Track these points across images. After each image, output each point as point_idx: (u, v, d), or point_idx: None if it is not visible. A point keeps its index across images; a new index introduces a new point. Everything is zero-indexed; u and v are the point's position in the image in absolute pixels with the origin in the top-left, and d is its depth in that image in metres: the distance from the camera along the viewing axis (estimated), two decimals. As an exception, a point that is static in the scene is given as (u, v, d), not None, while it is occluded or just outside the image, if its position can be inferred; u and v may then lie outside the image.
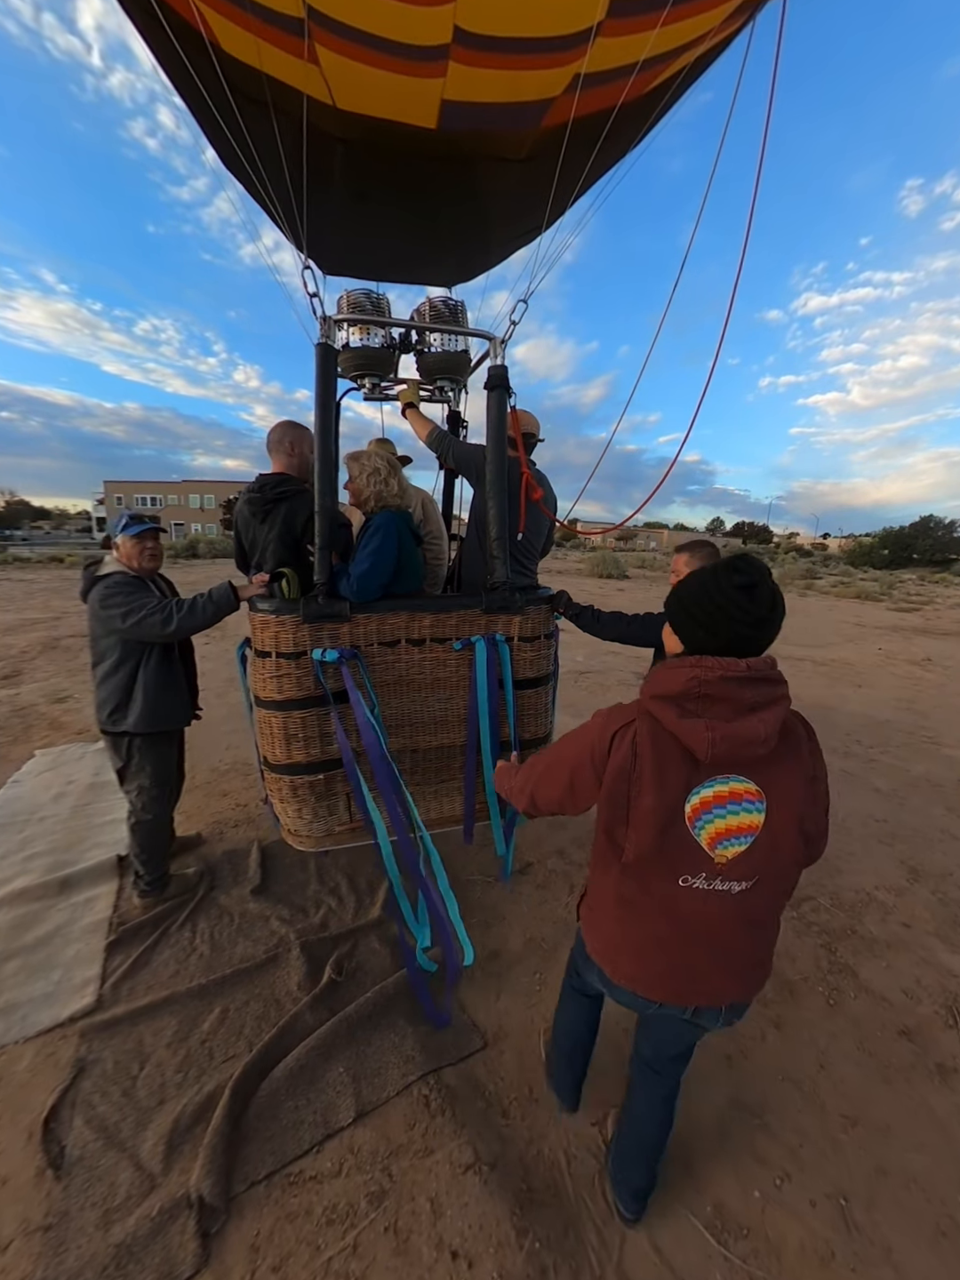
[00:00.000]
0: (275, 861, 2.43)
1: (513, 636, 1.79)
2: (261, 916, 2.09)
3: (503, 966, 1.99)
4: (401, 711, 1.75)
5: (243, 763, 3.43)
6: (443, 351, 2.08)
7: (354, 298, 1.95)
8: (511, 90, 1.55)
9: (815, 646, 8.21)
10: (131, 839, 2.08)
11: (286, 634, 1.57)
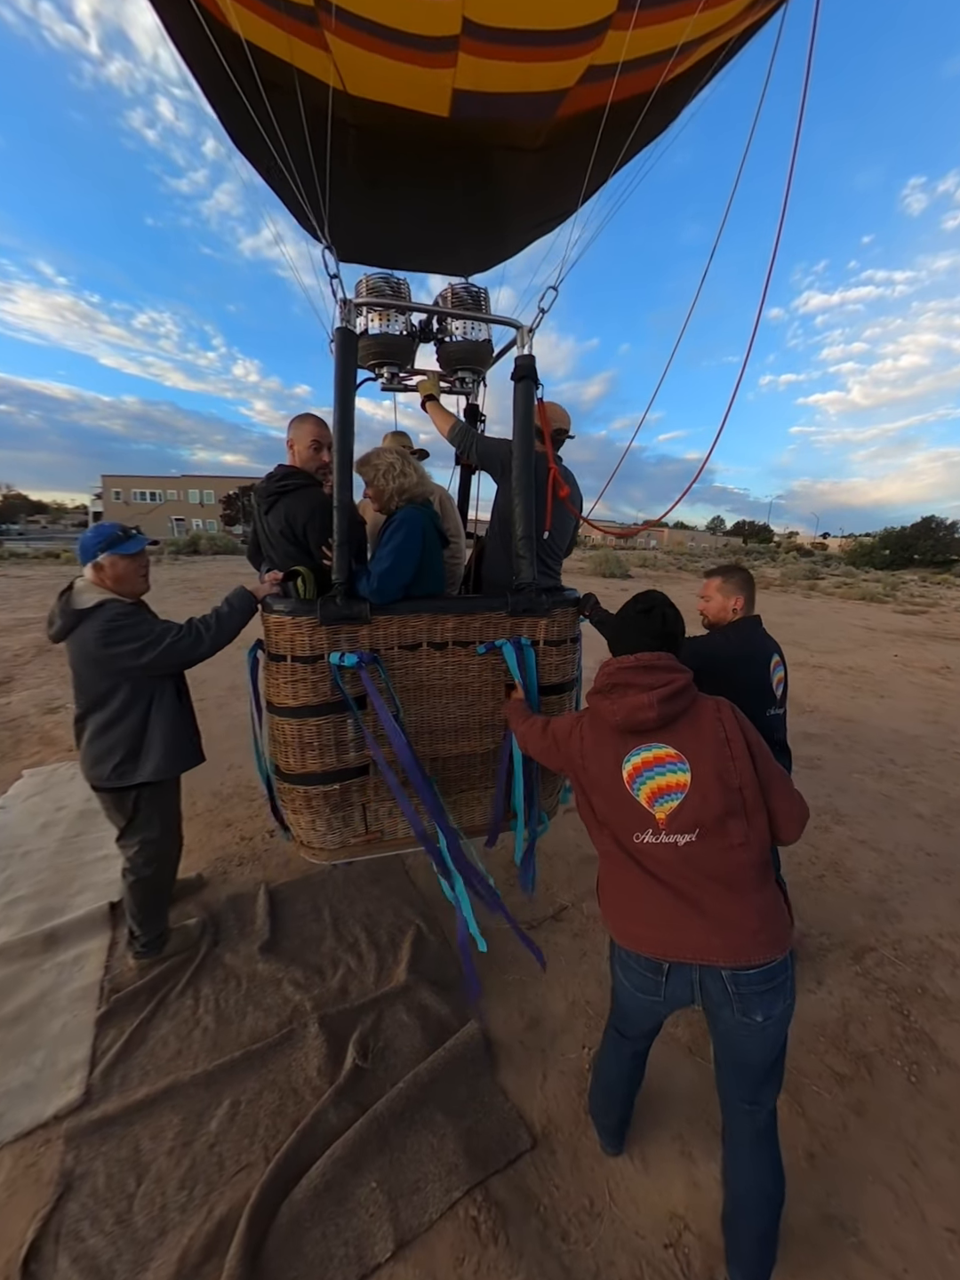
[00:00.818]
0: (285, 908, 2.20)
1: (539, 640, 1.72)
2: (272, 979, 1.86)
3: (545, 1038, 1.77)
4: (422, 718, 1.68)
5: (246, 785, 3.19)
6: (464, 340, 1.97)
7: (373, 282, 1.83)
8: (523, 81, 1.52)
9: (829, 653, 8.02)
10: (129, 898, 1.84)
11: (303, 636, 1.49)
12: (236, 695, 4.71)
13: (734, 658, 1.72)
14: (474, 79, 1.51)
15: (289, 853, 2.54)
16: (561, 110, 1.63)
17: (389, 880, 2.36)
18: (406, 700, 1.64)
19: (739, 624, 1.79)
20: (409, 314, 1.93)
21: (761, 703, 1.67)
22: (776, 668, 1.74)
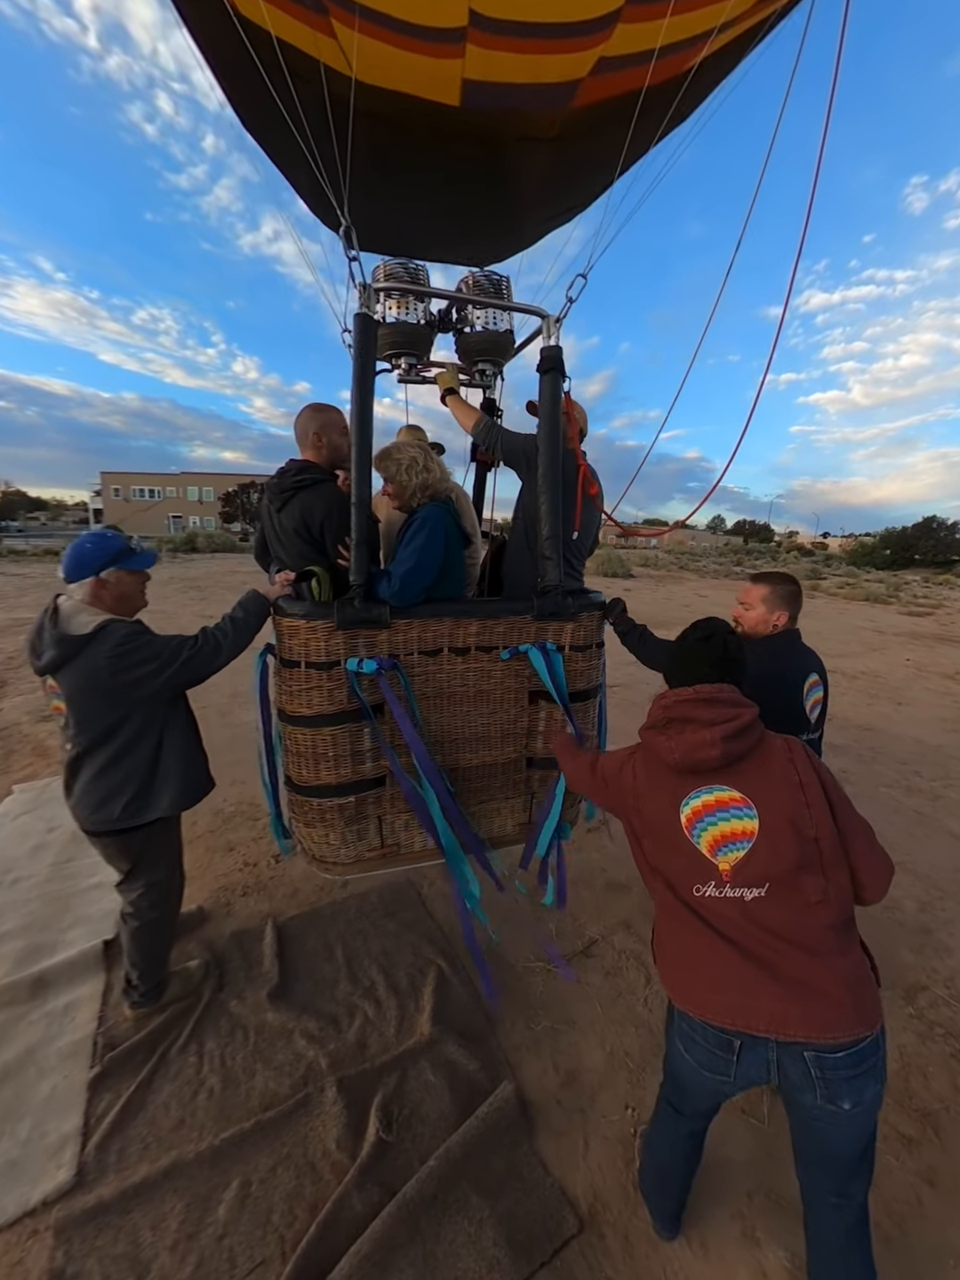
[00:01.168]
0: (294, 946, 2.03)
1: (564, 645, 1.65)
2: (283, 1031, 1.70)
3: (584, 1096, 1.62)
4: (442, 727, 1.62)
5: (250, 803, 3.03)
6: (485, 330, 1.89)
7: (390, 268, 1.75)
8: (533, 72, 1.51)
9: (839, 656, 7.87)
10: (131, 946, 1.67)
11: (318, 641, 1.42)
12: (240, 703, 4.54)
13: (765, 675, 1.54)
14: (483, 70, 1.49)
15: (296, 881, 2.38)
16: (576, 101, 1.60)
17: (405, 913, 2.20)
18: (426, 708, 1.57)
19: (776, 638, 1.63)
20: (427, 302, 1.84)
21: (794, 727, 1.53)
22: (814, 688, 1.57)
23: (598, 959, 2.08)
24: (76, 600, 1.46)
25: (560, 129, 1.72)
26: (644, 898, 2.39)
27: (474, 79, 1.53)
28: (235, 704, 4.51)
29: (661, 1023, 1.82)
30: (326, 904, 2.23)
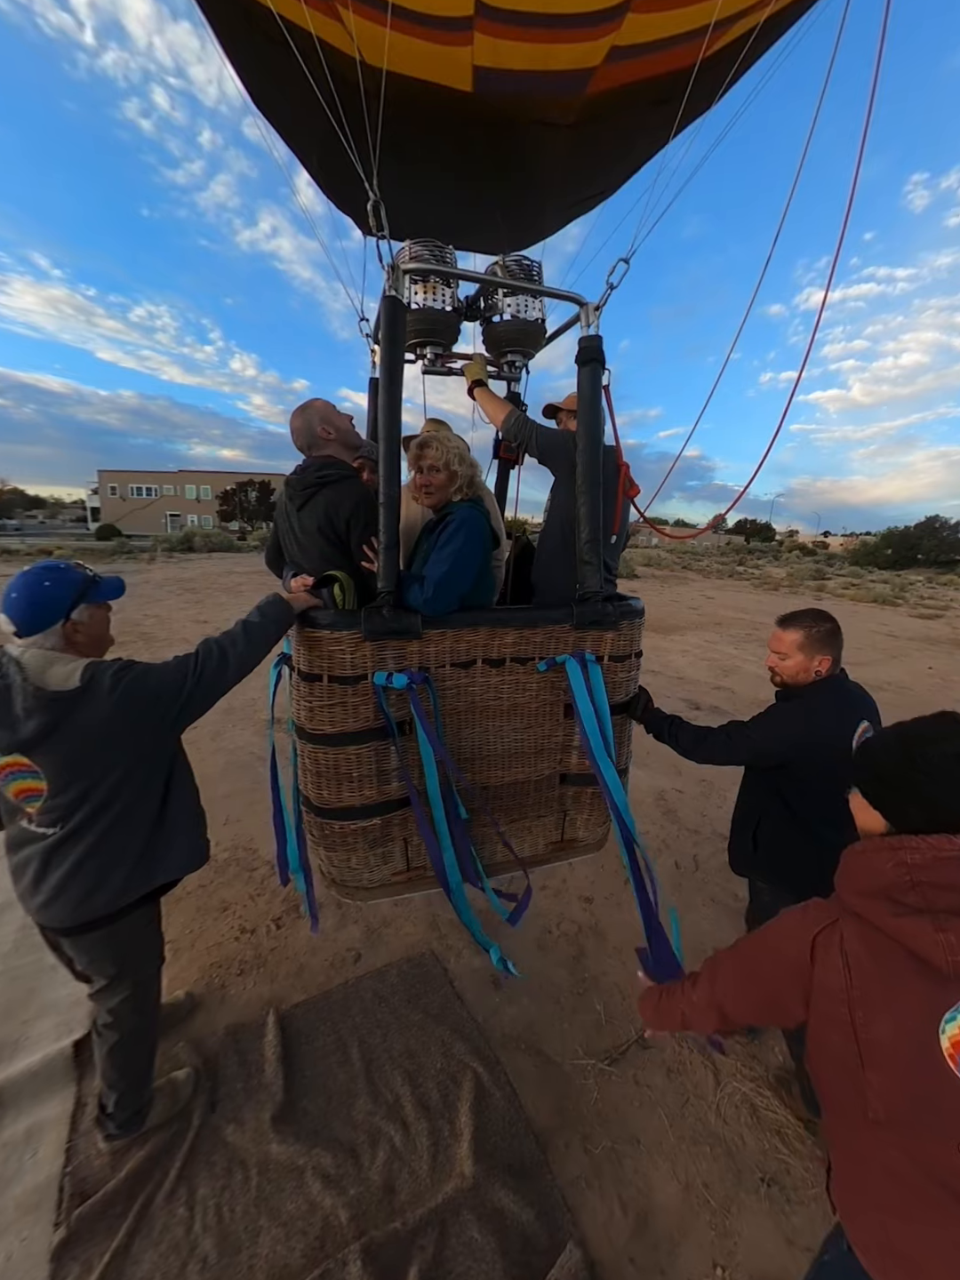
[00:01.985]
0: (302, 1045, 1.72)
1: (603, 655, 1.55)
2: (292, 1169, 1.40)
3: (662, 1252, 1.31)
4: (474, 743, 1.52)
5: (246, 848, 2.72)
6: (515, 319, 1.78)
7: (415, 250, 1.66)
8: (545, 60, 1.49)
9: (861, 665, 7.58)
10: (108, 1065, 1.37)
11: (343, 653, 1.31)
12: (235, 720, 4.24)
13: (800, 743, 1.41)
14: (492, 57, 1.48)
15: (300, 954, 2.08)
16: (591, 87, 1.57)
17: (430, 997, 1.89)
18: (457, 723, 1.49)
19: (826, 689, 1.45)
20: (455, 287, 1.75)
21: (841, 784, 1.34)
22: (863, 736, 1.39)
23: (656, 1050, 1.78)
24: (46, 651, 1.16)
25: (578, 114, 1.67)
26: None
27: (484, 65, 1.50)
28: (229, 722, 4.20)
29: (741, 1139, 1.53)
30: (338, 986, 1.92)
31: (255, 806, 3.03)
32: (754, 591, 17.81)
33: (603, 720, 1.50)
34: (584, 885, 2.51)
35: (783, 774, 1.47)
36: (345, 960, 2.04)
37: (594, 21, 1.37)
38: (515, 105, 1.64)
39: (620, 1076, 1.68)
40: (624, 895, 2.46)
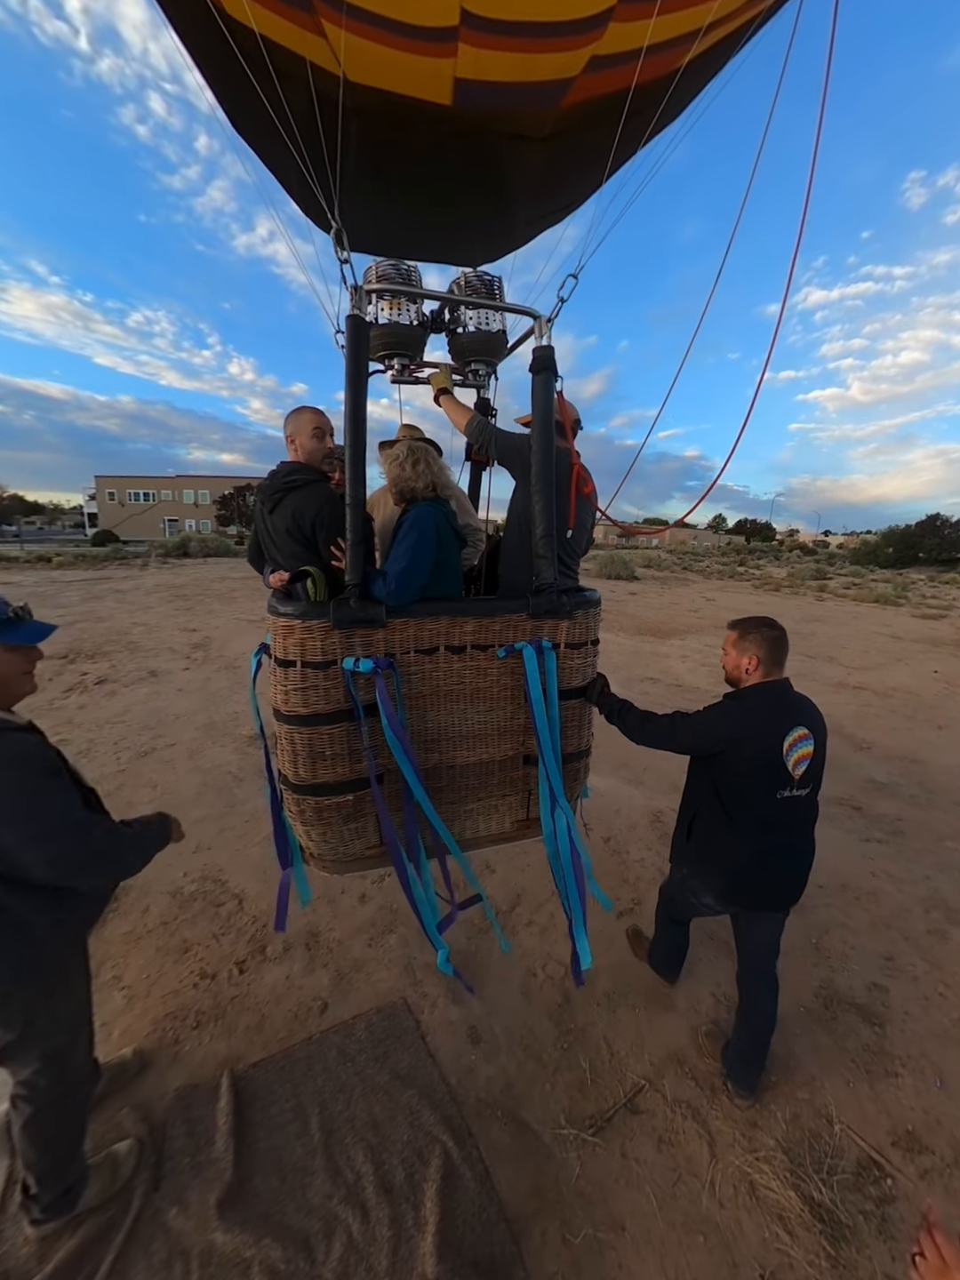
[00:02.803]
0: (257, 1111, 1.58)
1: (559, 642, 1.67)
2: (238, 1262, 1.24)
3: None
4: (439, 725, 1.63)
5: (215, 879, 2.57)
6: (478, 331, 1.90)
7: (383, 269, 1.77)
8: (526, 71, 1.52)
9: (865, 669, 7.43)
10: (25, 1141, 1.23)
11: (314, 641, 1.42)
12: (215, 736, 4.10)
13: (731, 736, 1.52)
14: (475, 69, 1.49)
15: (263, 1003, 1.93)
16: (567, 99, 1.61)
17: (399, 1055, 1.74)
18: (424, 706, 1.60)
19: (753, 692, 1.57)
20: (420, 303, 1.86)
21: (770, 782, 1.48)
22: (799, 743, 1.48)
23: (645, 1117, 1.62)
24: None
25: (552, 128, 1.71)
26: (700, 1018, 1.93)
27: (466, 78, 1.52)
28: (209, 739, 4.06)
29: (738, 1225, 1.38)
30: (300, 1043, 1.77)
31: (227, 834, 2.89)
32: (755, 593, 17.64)
33: (550, 704, 1.62)
34: None
35: (716, 767, 1.58)
36: (311, 1011, 1.89)
37: (578, 30, 1.38)
38: (492, 119, 1.68)
39: (606, 1148, 1.53)
40: (615, 931, 2.31)
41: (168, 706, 4.64)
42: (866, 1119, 1.59)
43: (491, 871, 2.66)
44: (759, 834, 1.50)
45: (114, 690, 5.01)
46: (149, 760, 3.63)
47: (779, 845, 1.52)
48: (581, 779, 1.87)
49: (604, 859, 2.80)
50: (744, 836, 1.52)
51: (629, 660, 6.94)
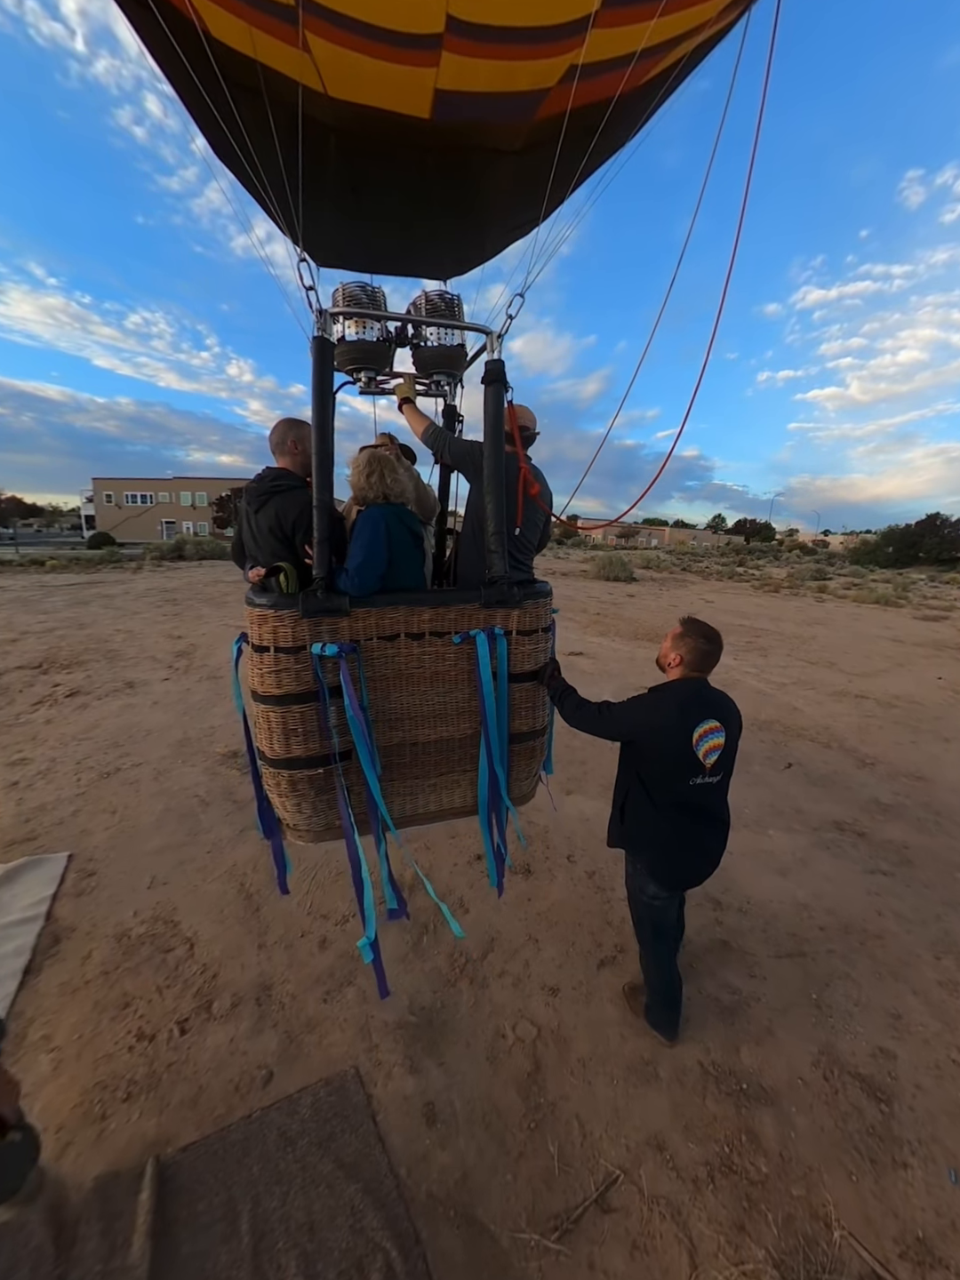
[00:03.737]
0: (183, 1210, 1.38)
1: (511, 630, 1.80)
2: None
3: None
4: (401, 705, 1.76)
5: (167, 920, 2.37)
6: (439, 346, 2.04)
7: (349, 290, 1.89)
8: (506, 80, 1.55)
9: (866, 676, 7.23)
10: None
11: (285, 629, 1.56)
12: (187, 754, 3.91)
13: (647, 724, 1.67)
14: (456, 78, 1.52)
15: (202, 1072, 1.73)
16: (541, 112, 1.64)
17: (345, 1140, 1.55)
18: (386, 688, 1.72)
19: (668, 688, 1.71)
20: (384, 321, 1.96)
21: (682, 769, 1.62)
22: (710, 734, 1.60)
23: (618, 1216, 1.43)
24: None
25: (525, 141, 1.76)
26: (685, 1093, 1.74)
27: (447, 89, 1.54)
28: (180, 757, 3.86)
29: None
30: (238, 1122, 1.58)
31: (186, 866, 2.70)
32: (755, 594, 17.46)
33: (500, 685, 1.76)
34: (549, 971, 2.17)
35: (636, 753, 1.72)
36: (254, 1082, 1.70)
37: (559, 36, 1.39)
38: (469, 132, 1.72)
39: (571, 1257, 1.34)
40: (596, 983, 2.12)
41: (141, 721, 4.46)
42: (870, 1222, 1.40)
43: (465, 911, 2.48)
44: (677, 815, 1.65)
45: (86, 703, 4.83)
46: (112, 782, 3.45)
47: (696, 826, 1.68)
48: (538, 756, 2.02)
49: (587, 896, 2.61)
50: (665, 817, 1.66)
51: (624, 668, 6.75)
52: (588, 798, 3.54)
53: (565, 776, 3.79)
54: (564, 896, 2.58)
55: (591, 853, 2.92)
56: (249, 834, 2.92)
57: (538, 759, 2.01)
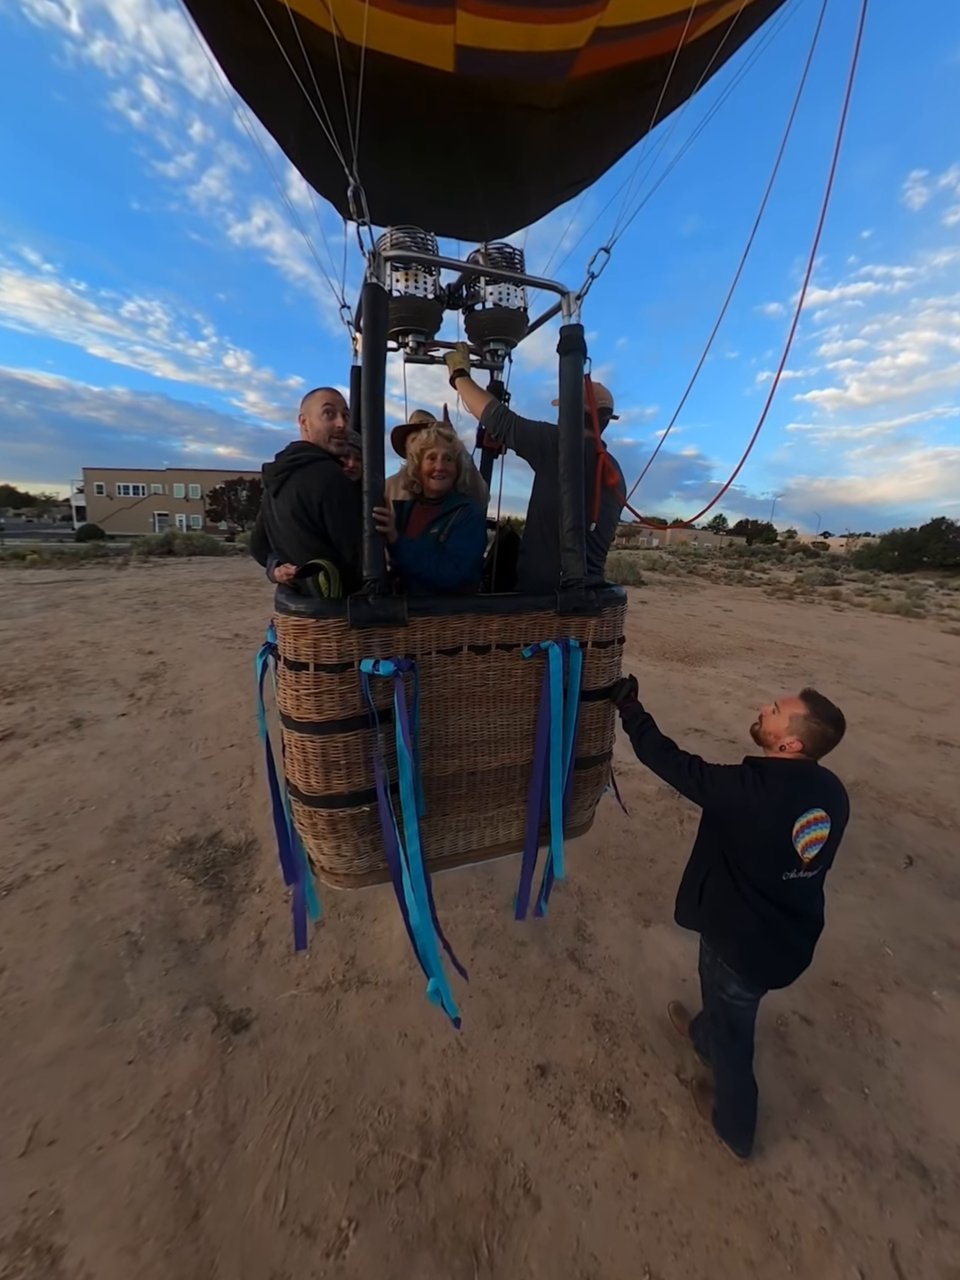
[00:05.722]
0: None
1: (587, 641, 1.60)
2: None
3: None
4: (460, 729, 1.55)
5: (39, 1240, 1.41)
6: (497, 307, 1.82)
7: (397, 237, 1.67)
8: (529, 41, 1.51)
9: (932, 711, 6.33)
10: None
11: (329, 641, 1.33)
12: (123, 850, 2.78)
13: (742, 807, 1.40)
14: (475, 36, 1.49)
15: None
16: (575, 71, 1.61)
17: None
18: (445, 710, 1.52)
19: (773, 767, 1.41)
20: (437, 275, 1.79)
21: (776, 863, 1.37)
22: (813, 825, 1.34)
23: None
24: None
25: (562, 99, 1.71)
26: None
27: (467, 45, 1.52)
28: (115, 853, 2.79)
29: None
30: None
31: (90, 1100, 1.69)
32: (769, 601, 16.78)
33: (570, 706, 1.57)
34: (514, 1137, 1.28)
35: (724, 832, 1.50)
36: None
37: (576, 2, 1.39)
38: (498, 87, 1.67)
39: None
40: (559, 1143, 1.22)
41: (78, 784, 3.49)
42: None
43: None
44: (766, 907, 1.41)
45: (17, 752, 3.87)
46: (11, 904, 2.42)
47: (786, 922, 1.41)
48: (603, 782, 1.86)
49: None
50: (753, 910, 1.42)
51: (664, 700, 5.86)
52: (677, 932, 2.40)
53: (633, 892, 2.72)
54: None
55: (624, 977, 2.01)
56: (196, 1010, 1.98)
57: (603, 784, 1.86)
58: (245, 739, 4.30)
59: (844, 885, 2.81)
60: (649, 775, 4.20)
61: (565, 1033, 1.86)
